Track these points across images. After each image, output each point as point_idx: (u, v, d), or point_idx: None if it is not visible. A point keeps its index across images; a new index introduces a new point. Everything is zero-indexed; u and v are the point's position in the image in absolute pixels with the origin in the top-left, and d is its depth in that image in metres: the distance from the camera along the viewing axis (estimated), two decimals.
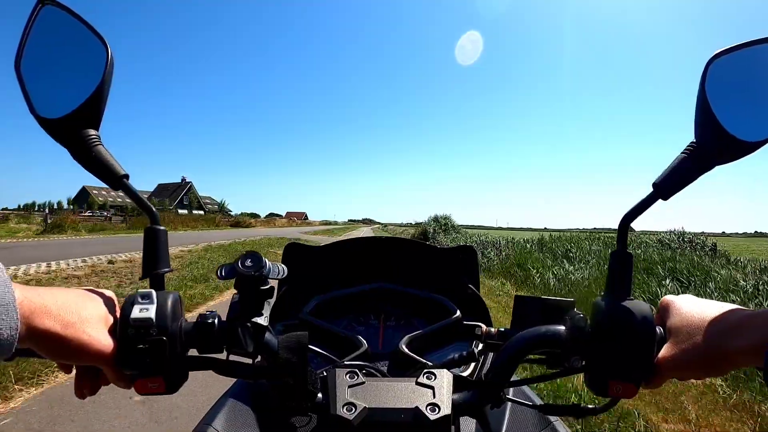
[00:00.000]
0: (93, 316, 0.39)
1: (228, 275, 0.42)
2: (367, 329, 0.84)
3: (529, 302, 0.51)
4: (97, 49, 0.45)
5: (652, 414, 2.53)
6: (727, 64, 0.42)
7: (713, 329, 0.40)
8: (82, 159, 0.44)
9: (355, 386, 0.44)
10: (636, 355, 0.42)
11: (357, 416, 0.40)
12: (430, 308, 0.85)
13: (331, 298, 0.87)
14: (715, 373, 0.41)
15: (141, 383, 0.41)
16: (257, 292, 0.42)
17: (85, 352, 0.38)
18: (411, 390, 0.44)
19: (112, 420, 2.29)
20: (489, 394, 0.46)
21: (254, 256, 0.42)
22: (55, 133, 0.44)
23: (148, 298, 0.41)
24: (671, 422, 2.45)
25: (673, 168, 0.44)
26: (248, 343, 0.42)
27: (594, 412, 0.48)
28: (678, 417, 2.53)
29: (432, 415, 0.40)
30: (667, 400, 2.72)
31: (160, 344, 0.40)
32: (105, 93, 0.45)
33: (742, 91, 0.43)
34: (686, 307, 0.44)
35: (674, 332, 0.43)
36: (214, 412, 0.58)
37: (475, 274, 0.91)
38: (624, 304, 0.43)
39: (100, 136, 0.46)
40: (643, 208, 0.45)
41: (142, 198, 0.47)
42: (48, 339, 0.36)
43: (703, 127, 0.42)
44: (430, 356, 0.69)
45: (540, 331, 0.46)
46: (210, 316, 0.43)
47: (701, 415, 2.54)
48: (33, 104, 0.43)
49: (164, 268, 0.46)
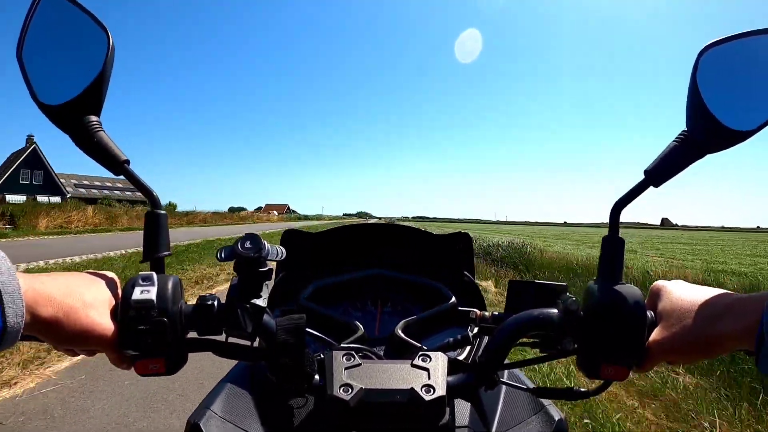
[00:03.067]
0: (96, 299, 0.40)
1: (228, 257, 0.43)
2: (365, 315, 0.85)
3: (523, 287, 0.52)
4: (98, 36, 0.46)
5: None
6: (719, 55, 0.43)
7: (704, 313, 0.40)
8: (84, 145, 0.45)
9: (351, 368, 0.45)
10: (627, 338, 0.43)
11: (353, 397, 0.41)
12: (427, 294, 0.86)
13: (328, 283, 0.88)
14: (704, 357, 0.41)
15: (141, 364, 0.42)
16: (256, 274, 0.43)
17: (87, 337, 0.39)
18: (406, 371, 0.45)
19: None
20: (483, 377, 0.47)
21: (253, 238, 0.43)
22: (56, 119, 0.45)
23: (149, 280, 0.42)
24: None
25: (664, 156, 0.45)
26: (247, 324, 0.43)
27: (586, 395, 0.49)
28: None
29: (427, 396, 0.41)
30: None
31: (160, 325, 0.40)
32: (106, 80, 0.46)
33: (733, 82, 0.44)
34: (677, 292, 0.44)
35: (665, 316, 0.44)
36: (212, 395, 0.59)
37: (470, 260, 0.92)
38: (616, 288, 0.44)
39: (101, 123, 0.46)
40: (634, 194, 0.46)
41: (144, 183, 0.47)
42: (51, 327, 0.37)
43: (695, 116, 0.43)
44: (426, 341, 0.71)
45: (533, 314, 0.47)
46: (209, 298, 0.44)
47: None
48: (35, 91, 0.44)
49: (165, 252, 0.46)
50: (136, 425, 2.22)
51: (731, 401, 2.60)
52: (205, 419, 0.54)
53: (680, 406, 2.56)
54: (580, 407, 2.39)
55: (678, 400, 2.63)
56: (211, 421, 0.54)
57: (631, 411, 2.50)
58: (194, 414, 0.54)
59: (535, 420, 0.58)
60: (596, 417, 2.32)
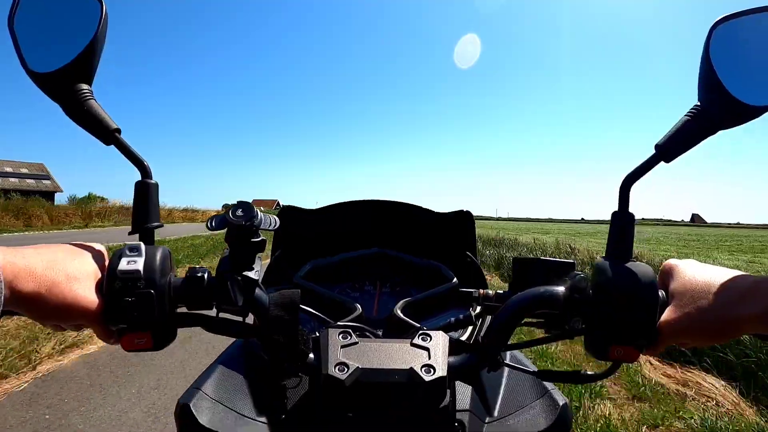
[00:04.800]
0: (80, 272, 0.39)
1: (219, 226, 0.41)
2: (363, 295, 0.83)
3: (529, 264, 0.50)
4: (91, 4, 0.45)
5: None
6: (732, 30, 0.43)
7: (720, 295, 0.38)
8: (74, 114, 0.44)
9: (348, 346, 0.43)
10: (638, 318, 0.40)
11: (349, 376, 0.39)
12: (428, 275, 0.84)
13: (326, 263, 0.86)
14: (718, 340, 0.40)
15: (128, 338, 0.40)
16: (248, 245, 0.42)
17: (71, 311, 0.37)
18: (405, 351, 0.43)
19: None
20: (485, 358, 0.45)
21: (245, 205, 0.42)
22: (46, 87, 0.44)
23: (136, 250, 0.41)
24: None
25: (676, 130, 0.43)
26: (238, 297, 0.41)
27: (594, 378, 0.47)
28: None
29: (427, 377, 0.40)
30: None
31: (147, 297, 0.39)
32: (98, 48, 0.45)
33: (746, 57, 0.43)
34: (690, 272, 0.43)
35: (677, 296, 0.42)
36: (204, 376, 0.58)
37: (472, 240, 0.89)
38: (627, 265, 0.42)
39: (93, 91, 0.45)
40: (644, 170, 0.45)
41: (134, 152, 0.46)
42: (33, 302, 0.35)
43: (708, 91, 0.42)
44: (427, 322, 0.68)
45: (539, 291, 0.45)
46: (199, 270, 0.42)
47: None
48: (25, 59, 0.43)
49: (155, 223, 0.45)
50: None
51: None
52: (195, 400, 0.52)
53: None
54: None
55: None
56: (201, 402, 0.52)
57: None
58: (185, 395, 0.53)
59: (538, 404, 0.56)
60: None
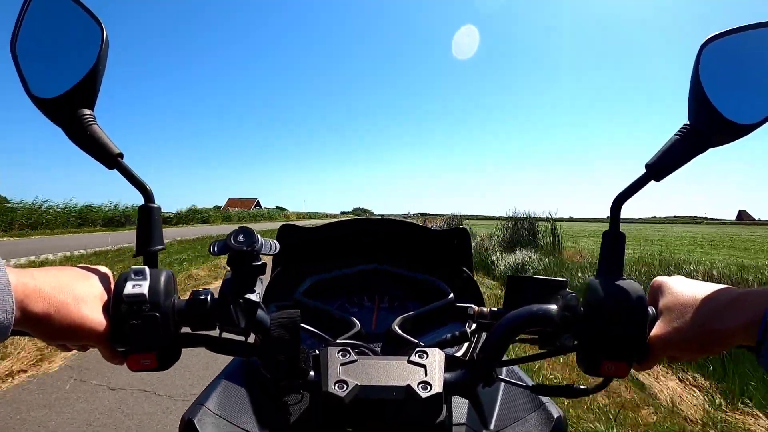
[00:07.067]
0: (87, 294, 0.40)
1: (221, 251, 0.42)
2: (361, 311, 0.84)
3: (522, 282, 0.51)
4: (92, 29, 0.46)
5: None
6: (721, 48, 0.43)
7: (705, 308, 0.39)
8: (78, 139, 0.45)
9: (347, 364, 0.44)
10: (628, 333, 0.42)
11: (349, 393, 0.41)
12: (425, 290, 0.85)
13: (325, 279, 0.87)
14: (706, 353, 0.41)
15: (133, 359, 0.41)
16: (249, 269, 0.43)
17: (78, 332, 0.38)
18: (403, 368, 0.44)
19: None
20: (481, 373, 0.46)
21: (246, 231, 0.43)
22: (50, 112, 0.44)
23: (141, 274, 0.42)
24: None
25: (666, 149, 0.44)
26: (240, 319, 0.42)
27: (586, 392, 0.48)
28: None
29: (423, 393, 0.41)
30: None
31: (152, 320, 0.40)
32: (100, 73, 0.46)
33: (735, 75, 0.44)
34: (678, 287, 0.44)
35: (666, 312, 0.43)
36: (207, 392, 0.59)
37: (468, 256, 0.91)
38: (617, 283, 0.44)
39: (95, 116, 0.46)
40: (635, 189, 0.46)
41: (137, 176, 0.47)
42: (42, 322, 0.36)
43: (697, 110, 0.43)
44: (424, 338, 0.70)
45: (532, 309, 0.46)
46: (203, 293, 0.43)
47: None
48: (28, 84, 0.44)
49: (158, 246, 0.46)
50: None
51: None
52: (200, 416, 0.53)
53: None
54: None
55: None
56: (205, 417, 0.54)
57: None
58: (189, 411, 0.54)
59: (533, 417, 0.57)
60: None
